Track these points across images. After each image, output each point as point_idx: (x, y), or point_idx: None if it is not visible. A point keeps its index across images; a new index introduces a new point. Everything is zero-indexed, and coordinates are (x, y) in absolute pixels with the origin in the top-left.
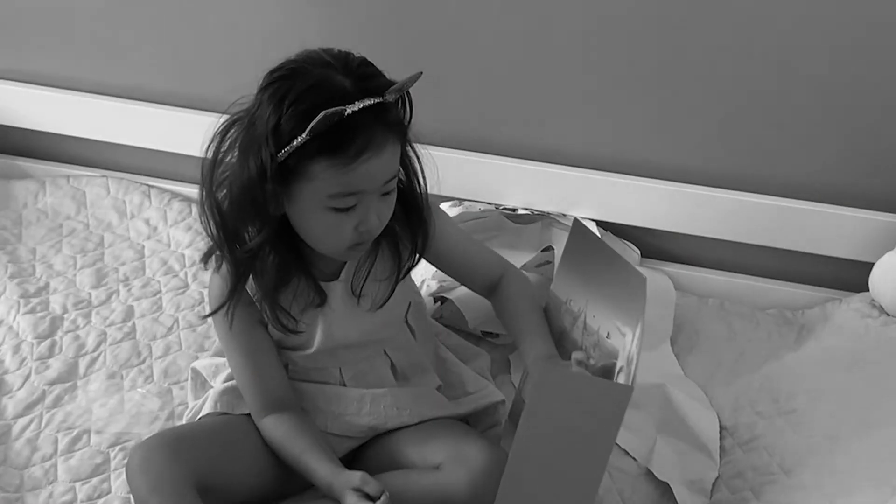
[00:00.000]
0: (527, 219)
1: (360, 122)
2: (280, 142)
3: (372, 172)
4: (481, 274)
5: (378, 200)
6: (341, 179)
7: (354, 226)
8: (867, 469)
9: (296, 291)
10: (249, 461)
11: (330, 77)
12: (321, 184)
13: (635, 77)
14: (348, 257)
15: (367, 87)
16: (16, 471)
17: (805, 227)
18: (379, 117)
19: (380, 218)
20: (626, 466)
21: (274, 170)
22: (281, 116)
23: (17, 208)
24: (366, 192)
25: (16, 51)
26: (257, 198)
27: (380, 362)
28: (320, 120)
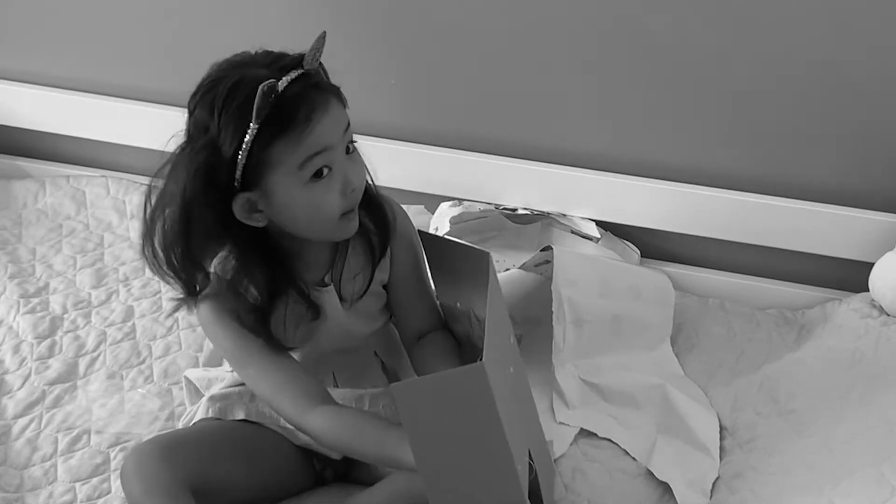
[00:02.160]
0: (527, 219)
1: (296, 93)
2: (230, 150)
3: (327, 127)
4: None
5: (347, 160)
6: (303, 147)
7: (340, 191)
8: (867, 469)
9: (287, 307)
10: (243, 465)
11: (246, 72)
12: (287, 162)
13: (635, 77)
14: (342, 232)
15: (284, 66)
16: (16, 471)
17: (805, 227)
18: (310, 84)
19: (359, 178)
20: (626, 466)
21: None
22: (218, 127)
23: (17, 208)
24: (331, 147)
25: (16, 51)
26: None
27: (371, 365)
28: (260, 97)
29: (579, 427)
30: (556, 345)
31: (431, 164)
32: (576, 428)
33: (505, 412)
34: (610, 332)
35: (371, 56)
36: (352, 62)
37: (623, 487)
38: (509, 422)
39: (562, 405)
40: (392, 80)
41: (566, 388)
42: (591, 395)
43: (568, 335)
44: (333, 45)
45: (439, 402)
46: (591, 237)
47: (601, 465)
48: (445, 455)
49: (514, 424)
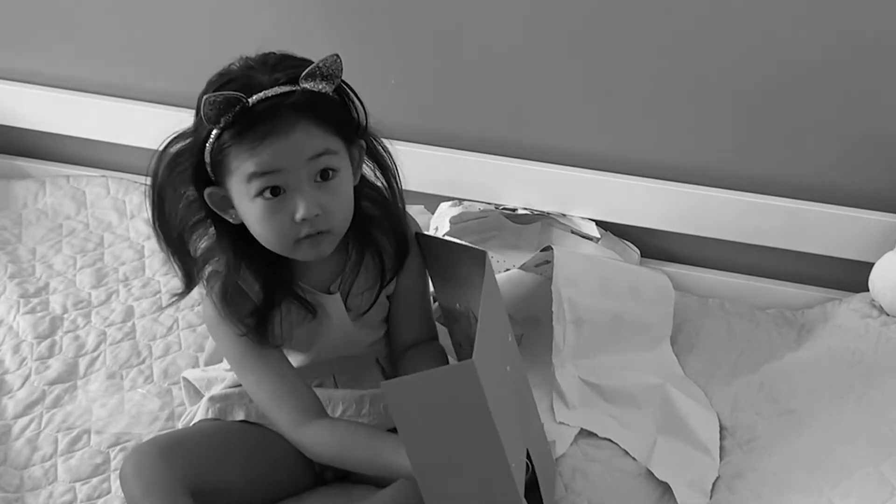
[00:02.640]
0: (527, 219)
1: (265, 108)
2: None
3: (282, 150)
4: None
5: (312, 186)
6: (253, 160)
7: (290, 215)
8: (867, 469)
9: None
10: (242, 466)
11: (247, 76)
12: (238, 172)
13: (636, 77)
14: (302, 255)
15: (278, 78)
16: (16, 471)
17: (805, 227)
18: (285, 103)
19: (324, 207)
20: (626, 466)
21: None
22: (201, 115)
23: (17, 208)
24: (286, 170)
25: (16, 51)
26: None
27: (373, 372)
28: (206, 105)
29: (579, 427)
30: (556, 345)
31: (431, 164)
32: (576, 428)
33: (498, 410)
34: (610, 332)
35: (371, 56)
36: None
37: (623, 487)
38: (504, 420)
39: (562, 405)
40: (392, 79)
41: (566, 388)
42: (591, 395)
43: (568, 335)
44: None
45: (430, 399)
46: (591, 237)
47: (601, 465)
48: (438, 453)
49: (509, 423)
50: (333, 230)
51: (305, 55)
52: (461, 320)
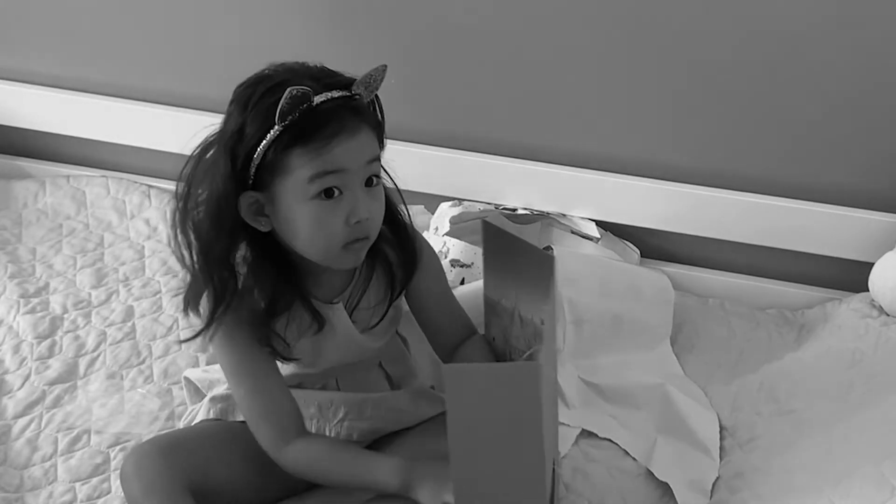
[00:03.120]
0: (527, 219)
1: (330, 109)
2: (249, 144)
3: (349, 150)
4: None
5: (363, 191)
6: (318, 161)
7: (344, 218)
8: (867, 469)
9: (290, 317)
10: (243, 466)
11: (292, 78)
12: (299, 172)
13: (636, 77)
14: (342, 262)
15: (331, 83)
16: (16, 471)
17: (805, 227)
18: (348, 107)
19: (370, 212)
20: (626, 466)
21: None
22: (246, 119)
23: (17, 208)
24: (347, 171)
25: (16, 51)
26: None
27: (375, 374)
28: (286, 99)
29: (580, 427)
30: (557, 345)
31: (431, 164)
32: (577, 428)
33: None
34: (610, 332)
35: (371, 56)
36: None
37: (623, 487)
38: (546, 427)
39: (562, 405)
40: (392, 79)
41: (566, 388)
42: (591, 395)
43: (568, 335)
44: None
45: (487, 391)
46: (591, 237)
47: (601, 465)
48: (479, 445)
49: (548, 430)
50: (371, 237)
51: (306, 55)
52: (503, 316)
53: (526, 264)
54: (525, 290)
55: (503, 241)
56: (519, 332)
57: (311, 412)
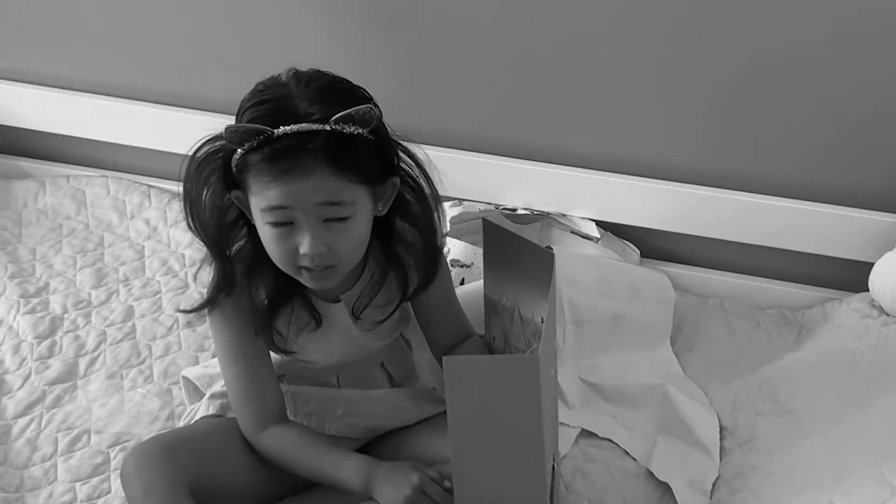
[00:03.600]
0: (527, 219)
1: (289, 144)
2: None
3: (294, 193)
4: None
5: (320, 226)
6: (267, 194)
7: (295, 247)
8: (867, 469)
9: (293, 312)
10: (243, 464)
11: (284, 99)
12: (255, 198)
13: (635, 77)
14: (306, 281)
15: (314, 113)
16: (16, 471)
17: (805, 227)
18: (309, 144)
19: (330, 247)
20: (626, 466)
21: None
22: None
23: (17, 208)
24: (295, 209)
25: (16, 51)
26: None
27: (377, 373)
28: (227, 132)
29: (580, 427)
30: (557, 345)
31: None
32: (577, 428)
33: (544, 410)
34: (610, 332)
35: (371, 56)
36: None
37: (623, 487)
38: (545, 421)
39: (562, 405)
40: (392, 79)
41: (566, 388)
42: (591, 395)
43: (568, 335)
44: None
45: (486, 384)
46: (591, 237)
47: (601, 465)
48: (480, 438)
49: (547, 425)
50: (338, 266)
51: (306, 55)
52: (503, 315)
53: (526, 262)
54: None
55: (503, 239)
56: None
57: (311, 408)
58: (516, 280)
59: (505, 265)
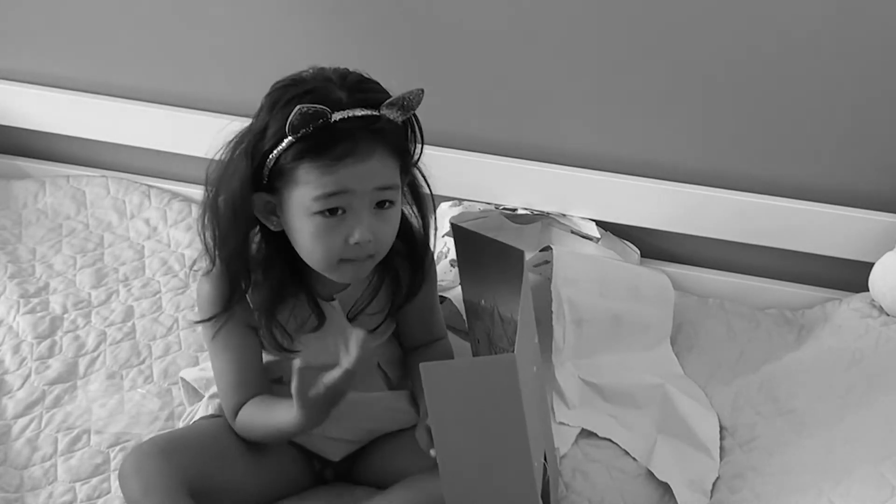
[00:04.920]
0: (527, 219)
1: (346, 129)
2: (266, 146)
3: (357, 174)
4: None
5: (370, 212)
6: (324, 180)
7: (344, 237)
8: (867, 469)
9: (292, 311)
10: (243, 465)
11: (326, 88)
12: (306, 188)
13: (635, 77)
14: (340, 276)
15: (361, 99)
16: (16, 471)
17: (805, 227)
18: (368, 127)
19: (375, 234)
20: (626, 466)
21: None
22: (269, 121)
23: (17, 208)
24: (353, 193)
25: (16, 51)
26: (248, 206)
27: (373, 375)
28: (296, 115)
29: (580, 427)
30: (556, 345)
31: (431, 164)
32: (577, 428)
33: (528, 409)
34: (610, 332)
35: (371, 56)
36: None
37: (623, 487)
38: (530, 419)
39: (562, 405)
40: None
41: (566, 388)
42: (591, 395)
43: (568, 335)
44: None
45: (466, 387)
46: (591, 237)
47: (601, 465)
48: (465, 443)
49: (534, 423)
50: (377, 256)
51: (306, 55)
52: (484, 317)
53: (498, 262)
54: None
55: (474, 241)
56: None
57: None
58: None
59: (479, 267)
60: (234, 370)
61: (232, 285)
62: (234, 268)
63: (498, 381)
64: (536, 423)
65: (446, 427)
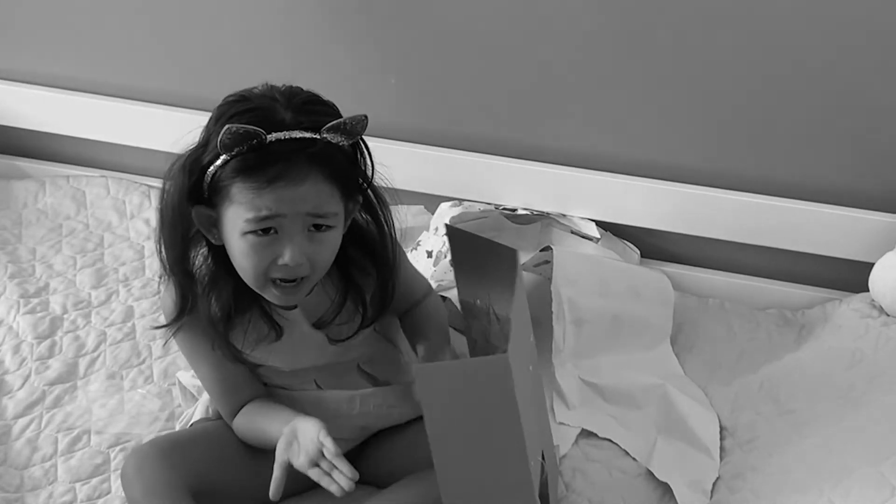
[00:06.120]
0: (526, 219)
1: (281, 151)
2: (206, 160)
3: (288, 198)
4: (408, 299)
5: (304, 235)
6: (256, 202)
7: (274, 257)
8: (867, 469)
9: (251, 323)
10: (243, 466)
11: (271, 108)
12: (239, 207)
13: (635, 77)
14: (272, 296)
15: (303, 122)
16: (16, 471)
17: (805, 227)
18: (305, 150)
19: (309, 257)
20: (626, 466)
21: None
22: (211, 135)
23: (17, 208)
24: (283, 217)
25: (16, 51)
26: (186, 218)
27: (355, 376)
28: (226, 134)
29: (580, 427)
30: (556, 345)
31: (431, 164)
32: (577, 428)
33: (523, 408)
34: (610, 332)
35: (371, 56)
36: (352, 62)
37: (623, 487)
38: (526, 419)
39: (562, 405)
40: (392, 79)
41: (566, 388)
42: (591, 395)
43: (568, 335)
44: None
45: (460, 388)
46: (591, 237)
47: (601, 465)
48: (461, 443)
49: (530, 422)
50: (310, 278)
51: (306, 55)
52: (480, 317)
53: (492, 262)
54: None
55: (468, 242)
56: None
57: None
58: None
59: (474, 267)
60: (217, 379)
61: (182, 293)
62: (180, 277)
63: (492, 381)
64: (533, 422)
65: (442, 428)
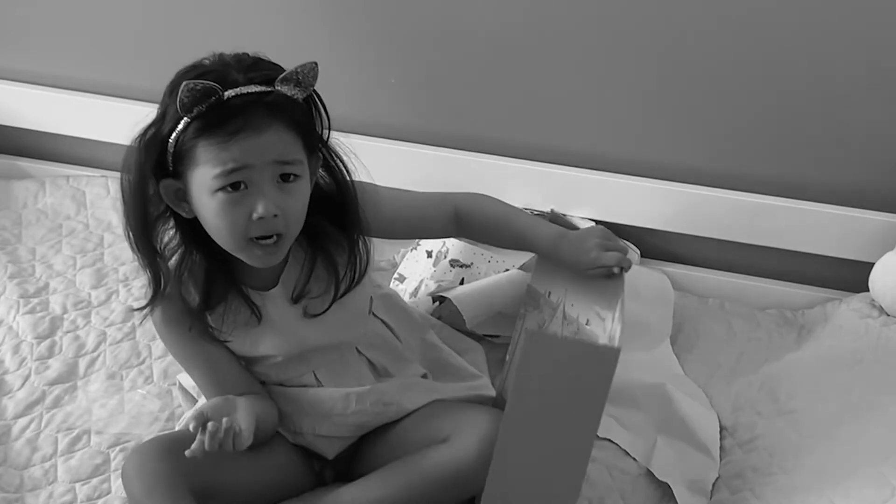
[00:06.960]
0: None
1: (240, 104)
2: (167, 129)
3: (253, 148)
4: (435, 217)
5: (273, 186)
6: (222, 156)
7: (248, 212)
8: (867, 469)
9: (226, 309)
10: (243, 466)
11: (224, 71)
12: (206, 167)
13: (635, 77)
14: (251, 257)
15: (255, 77)
16: (16, 471)
17: (805, 227)
18: (263, 101)
19: (282, 209)
20: (626, 466)
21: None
22: (168, 105)
23: (17, 208)
24: (252, 167)
25: (16, 51)
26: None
27: (354, 361)
28: (184, 91)
29: None
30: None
31: (431, 164)
32: None
33: None
34: None
35: (371, 56)
36: (352, 62)
37: (623, 487)
38: None
39: None
40: (392, 79)
41: None
42: None
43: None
44: (334, 44)
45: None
46: None
47: (601, 465)
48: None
49: None
50: (287, 234)
51: (306, 55)
52: (544, 309)
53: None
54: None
55: None
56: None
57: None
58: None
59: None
60: (206, 375)
61: (154, 273)
62: (148, 259)
63: (594, 369)
64: None
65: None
